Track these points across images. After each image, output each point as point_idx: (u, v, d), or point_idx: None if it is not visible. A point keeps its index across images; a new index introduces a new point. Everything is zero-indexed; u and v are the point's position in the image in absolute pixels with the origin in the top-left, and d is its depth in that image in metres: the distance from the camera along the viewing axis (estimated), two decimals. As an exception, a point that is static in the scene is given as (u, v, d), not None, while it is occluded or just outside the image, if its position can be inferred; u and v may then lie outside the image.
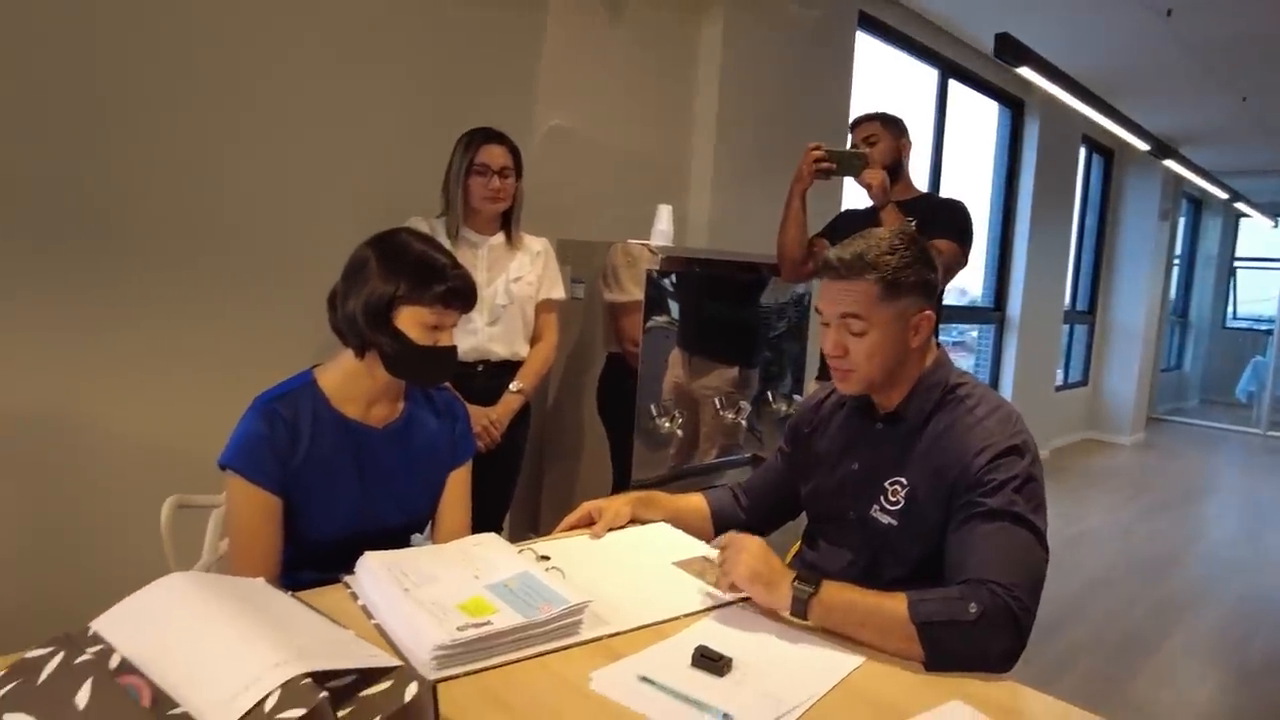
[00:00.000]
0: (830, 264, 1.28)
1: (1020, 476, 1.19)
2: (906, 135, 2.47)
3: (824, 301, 1.30)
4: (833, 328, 1.29)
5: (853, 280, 1.26)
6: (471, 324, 2.07)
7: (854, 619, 1.10)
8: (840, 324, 1.28)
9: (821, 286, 1.31)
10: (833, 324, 1.29)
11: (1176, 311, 9.62)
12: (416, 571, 1.15)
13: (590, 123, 2.76)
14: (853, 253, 1.26)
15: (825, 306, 1.30)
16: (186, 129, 1.89)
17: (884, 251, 1.26)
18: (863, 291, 1.25)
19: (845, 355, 1.28)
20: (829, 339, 1.29)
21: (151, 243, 1.86)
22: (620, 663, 1.01)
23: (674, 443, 2.51)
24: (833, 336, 1.28)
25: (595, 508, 1.50)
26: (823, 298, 1.31)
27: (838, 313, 1.28)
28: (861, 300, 1.25)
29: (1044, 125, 5.49)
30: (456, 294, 1.25)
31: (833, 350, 1.28)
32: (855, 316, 1.26)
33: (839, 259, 1.27)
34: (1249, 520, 5.18)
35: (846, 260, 1.26)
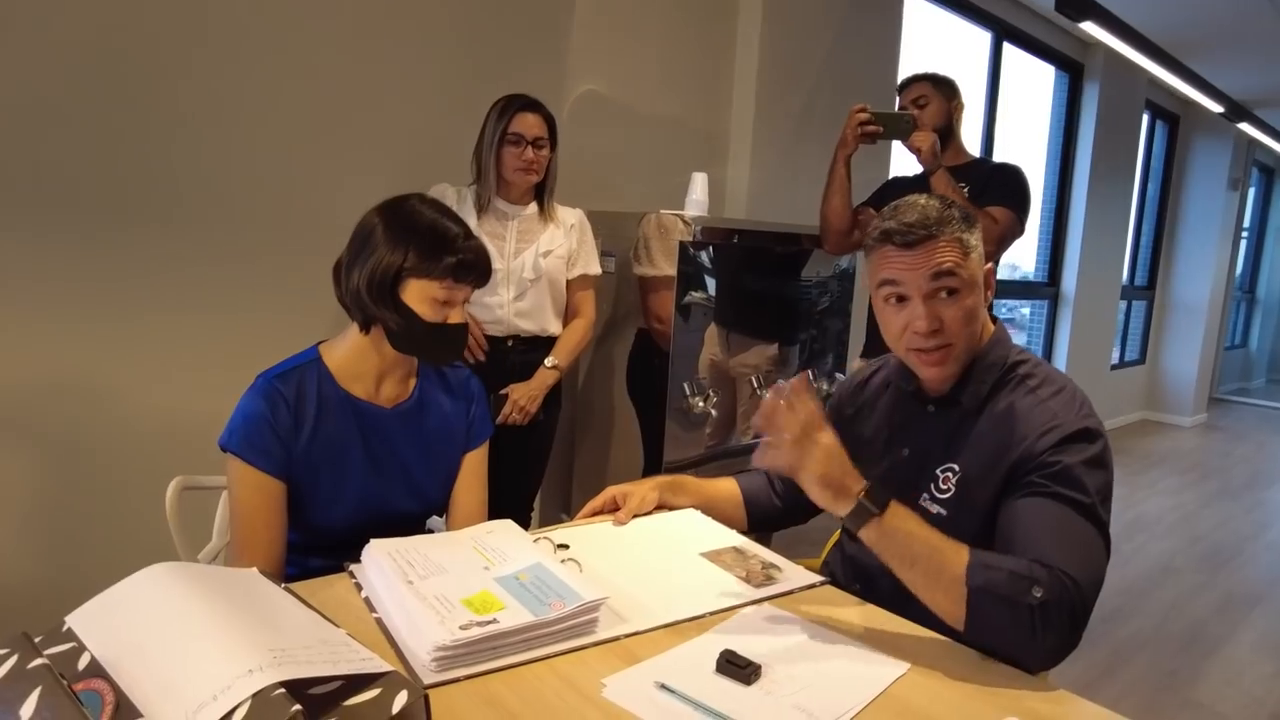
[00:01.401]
0: (901, 230, 1.13)
1: (1090, 462, 1.07)
2: (959, 97, 2.31)
3: (902, 270, 1.14)
4: (920, 300, 1.13)
5: (935, 239, 1.12)
6: (497, 297, 1.99)
7: (908, 553, 1.00)
8: (930, 291, 1.13)
9: (887, 259, 1.16)
10: (917, 295, 1.14)
11: (1243, 286, 9.17)
12: (423, 562, 1.08)
13: (623, 89, 2.65)
14: (916, 216, 1.13)
15: (908, 275, 1.13)
16: (206, 105, 1.82)
17: (943, 208, 1.14)
18: (950, 247, 1.12)
19: (941, 330, 1.14)
20: (917, 315, 1.13)
21: (164, 218, 1.81)
22: (638, 667, 0.92)
23: (709, 423, 2.41)
24: (923, 310, 1.13)
25: (620, 492, 1.41)
26: (896, 266, 1.14)
27: (927, 276, 1.12)
28: (953, 254, 1.12)
29: (1104, 89, 5.20)
30: (468, 267, 1.15)
31: (928, 325, 1.12)
32: (951, 273, 1.12)
33: (905, 224, 1.13)
34: (1321, 507, 4.90)
35: (914, 223, 1.12)
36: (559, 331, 2.13)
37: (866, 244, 1.20)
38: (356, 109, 2.06)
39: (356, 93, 2.05)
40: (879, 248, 1.17)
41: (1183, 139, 6.85)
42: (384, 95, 2.10)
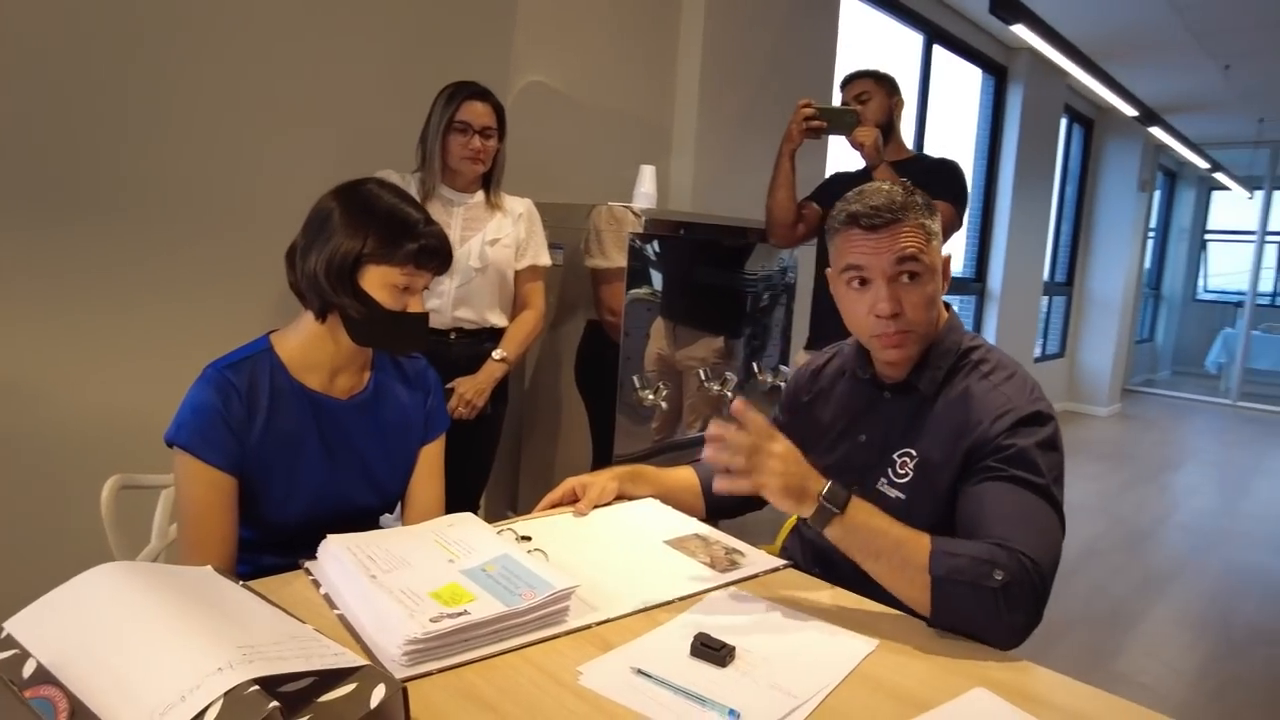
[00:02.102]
0: (867, 214, 1.15)
1: (1042, 444, 1.11)
2: (899, 94, 2.37)
3: (864, 252, 1.16)
4: (881, 284, 1.15)
5: (899, 223, 1.14)
6: (440, 287, 1.94)
7: (871, 547, 1.01)
8: (892, 275, 1.15)
9: (851, 242, 1.18)
10: (881, 279, 1.16)
11: (1150, 284, 9.67)
12: (385, 556, 1.05)
13: (568, 81, 2.63)
14: (882, 200, 1.15)
15: (870, 257, 1.15)
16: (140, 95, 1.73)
17: (907, 194, 1.17)
18: (913, 232, 1.14)
19: (902, 313, 1.16)
20: (880, 297, 1.15)
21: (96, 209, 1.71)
22: (612, 654, 0.92)
23: (656, 416, 2.41)
24: (886, 292, 1.15)
25: (579, 483, 1.40)
26: (861, 250, 1.16)
27: (891, 260, 1.14)
28: (917, 239, 1.14)
29: (1027, 93, 5.41)
30: (430, 253, 1.13)
31: (890, 308, 1.14)
32: (914, 258, 1.14)
33: (872, 208, 1.15)
34: (1226, 490, 5.21)
35: (879, 206, 1.15)
36: (503, 324, 2.10)
37: (831, 227, 1.21)
38: (298, 96, 1.99)
39: (298, 79, 1.98)
40: (844, 230, 1.19)
41: (1097, 142, 7.19)
42: (326, 82, 2.04)
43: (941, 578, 0.97)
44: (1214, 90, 5.99)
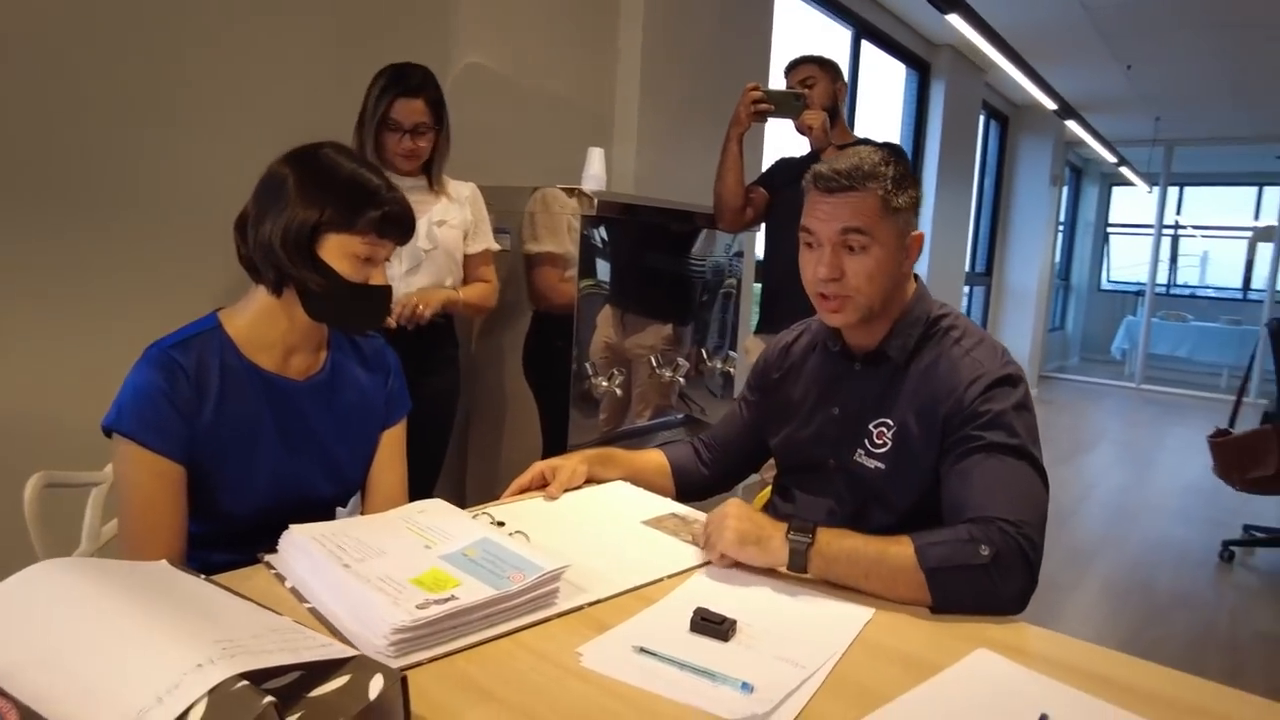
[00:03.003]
0: (826, 175, 1.16)
1: (1016, 407, 1.13)
2: (842, 79, 2.39)
3: (817, 218, 1.17)
4: (827, 248, 1.16)
5: (854, 191, 1.15)
6: (390, 270, 1.85)
7: (858, 570, 1.00)
8: (838, 242, 1.16)
9: (812, 203, 1.19)
10: (827, 243, 1.16)
11: (1060, 275, 10.13)
12: (356, 545, 0.98)
13: (509, 63, 2.56)
14: (849, 164, 1.15)
15: (819, 223, 1.17)
16: (58, 76, 1.58)
17: (879, 163, 1.16)
18: (866, 203, 1.14)
19: (841, 278, 1.16)
20: (822, 260, 1.16)
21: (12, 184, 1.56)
22: (610, 634, 0.87)
23: (606, 406, 2.37)
24: (828, 258, 1.16)
25: (549, 467, 1.35)
26: (814, 214, 1.18)
27: (837, 228, 1.15)
28: (865, 212, 1.14)
29: (949, 88, 5.58)
30: (393, 221, 1.06)
31: (828, 273, 1.16)
32: (858, 231, 1.15)
33: (835, 170, 1.15)
34: (1136, 468, 5.49)
35: (844, 171, 1.15)
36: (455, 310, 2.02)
37: (804, 187, 1.21)
38: (228, 77, 1.86)
39: (228, 61, 1.86)
40: (810, 191, 1.19)
41: (1011, 138, 7.48)
42: (257, 64, 1.92)
43: (934, 569, 0.97)
44: (1117, 90, 6.30)
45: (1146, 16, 4.64)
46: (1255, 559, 3.68)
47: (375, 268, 1.08)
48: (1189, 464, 5.61)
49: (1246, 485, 3.38)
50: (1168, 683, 0.84)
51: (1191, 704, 0.80)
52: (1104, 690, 0.80)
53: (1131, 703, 0.78)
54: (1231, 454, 3.39)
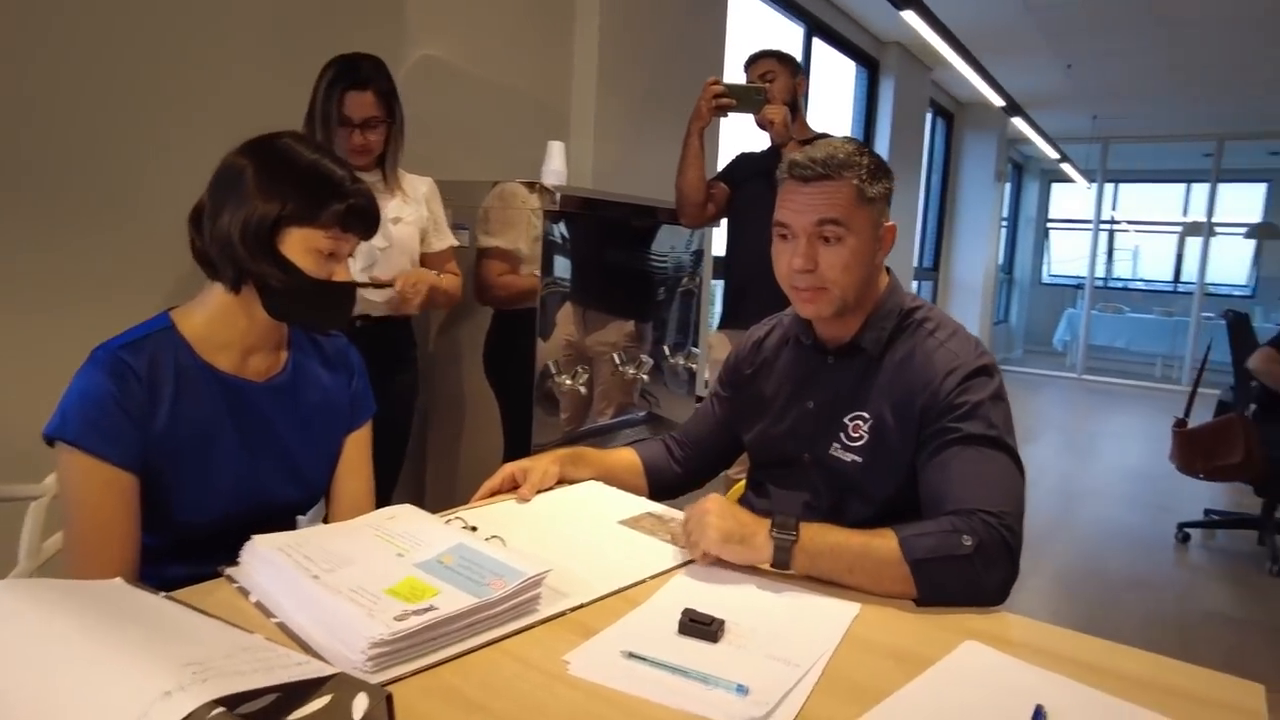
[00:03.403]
0: (802, 164, 1.14)
1: (992, 397, 1.13)
2: (802, 73, 2.40)
3: (791, 209, 1.16)
4: (802, 239, 1.15)
5: (830, 180, 1.14)
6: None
7: (842, 564, 0.99)
8: (813, 233, 1.15)
9: (786, 194, 1.17)
10: (802, 235, 1.15)
11: (1004, 269, 10.39)
12: (324, 555, 0.93)
13: (464, 56, 2.50)
14: (824, 153, 1.14)
15: (794, 215, 1.16)
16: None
17: (854, 152, 1.15)
18: (841, 193, 1.14)
19: (816, 270, 1.15)
20: (797, 252, 1.15)
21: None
22: (597, 639, 0.85)
23: (568, 405, 2.33)
24: (803, 249, 1.15)
25: (520, 469, 1.31)
26: (788, 206, 1.16)
27: (812, 219, 1.14)
28: (841, 202, 1.14)
29: (898, 86, 5.66)
30: (357, 214, 1.01)
31: (804, 264, 1.14)
32: (834, 222, 1.14)
33: (811, 159, 1.14)
34: (1082, 455, 5.65)
35: (820, 159, 1.14)
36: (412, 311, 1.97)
37: (778, 177, 1.20)
38: (173, 71, 1.78)
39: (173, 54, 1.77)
40: (785, 181, 1.18)
41: (957, 135, 7.64)
42: (204, 56, 1.84)
43: (919, 560, 0.97)
44: (1057, 88, 6.48)
45: (1086, 16, 4.77)
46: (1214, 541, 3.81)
47: (339, 263, 1.03)
48: (1131, 451, 5.80)
49: (1210, 473, 3.44)
50: (1153, 667, 0.85)
51: (1181, 689, 0.80)
52: (1092, 677, 0.81)
53: (1121, 689, 0.79)
54: (1198, 443, 3.45)
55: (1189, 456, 3.50)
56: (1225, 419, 3.41)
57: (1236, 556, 3.62)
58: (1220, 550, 3.71)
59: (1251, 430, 3.28)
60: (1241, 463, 3.29)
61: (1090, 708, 0.76)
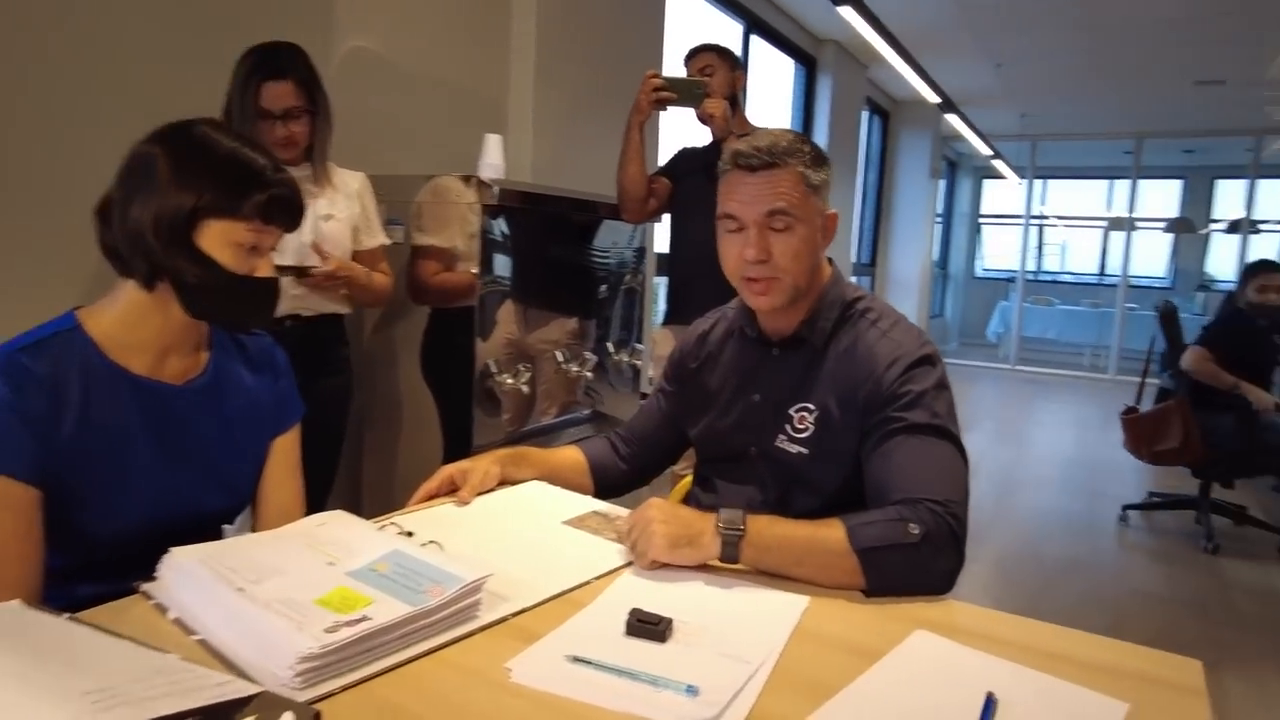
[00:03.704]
0: (747, 153, 1.13)
1: (936, 386, 1.13)
2: (741, 68, 2.39)
3: (740, 200, 1.14)
4: (753, 230, 1.14)
5: (777, 170, 1.13)
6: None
7: (790, 557, 0.98)
8: (763, 223, 1.13)
9: (731, 185, 1.16)
10: (752, 225, 1.14)
11: (939, 264, 10.64)
12: (249, 566, 0.88)
13: (396, 47, 2.43)
14: (768, 142, 1.13)
15: (743, 206, 1.14)
16: None
17: (795, 140, 1.14)
18: (788, 181, 1.13)
19: (769, 260, 1.13)
20: (749, 243, 1.13)
21: None
22: (540, 644, 0.81)
23: (510, 404, 2.28)
24: (755, 240, 1.13)
25: (459, 470, 1.27)
26: (737, 196, 1.15)
27: (762, 210, 1.13)
28: (789, 191, 1.13)
29: (835, 83, 5.74)
30: (281, 205, 0.96)
31: (757, 255, 1.13)
32: (783, 212, 1.13)
33: (755, 148, 1.13)
34: (1017, 443, 5.81)
35: (765, 148, 1.12)
36: (345, 309, 1.90)
37: (721, 169, 1.18)
38: (82, 62, 1.67)
39: (73, 38, 1.67)
40: (727, 173, 1.17)
41: (892, 133, 7.78)
42: (115, 45, 1.73)
43: (866, 549, 0.96)
44: (988, 86, 6.65)
45: (1014, 16, 4.90)
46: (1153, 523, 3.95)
47: (261, 257, 0.97)
48: (1064, 438, 5.99)
49: (1154, 458, 3.60)
50: (1097, 649, 0.85)
51: (1125, 668, 0.81)
52: (1039, 661, 0.81)
53: (1068, 671, 0.79)
54: (1142, 429, 3.61)
55: (1135, 442, 3.66)
56: (1164, 406, 3.56)
57: (1174, 536, 3.77)
58: (1160, 531, 3.86)
59: (1189, 416, 3.42)
60: (1180, 447, 3.43)
61: (1039, 692, 0.76)
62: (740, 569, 0.99)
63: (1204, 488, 3.71)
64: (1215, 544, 3.53)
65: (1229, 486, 3.86)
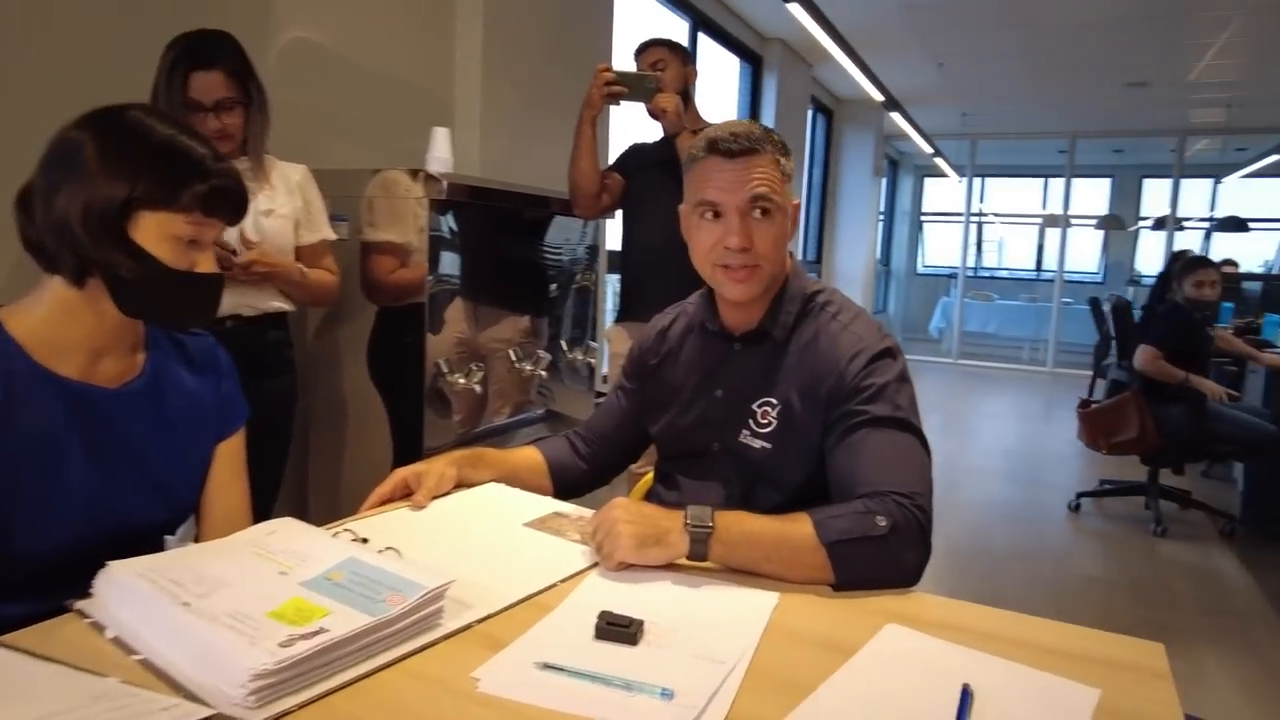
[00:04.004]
0: (726, 139, 1.11)
1: (897, 379, 1.13)
2: (693, 63, 2.38)
3: (720, 186, 1.12)
4: (734, 217, 1.12)
5: (756, 155, 1.11)
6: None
7: (759, 553, 0.97)
8: (746, 210, 1.12)
9: (708, 172, 1.14)
10: (734, 213, 1.12)
11: (882, 261, 10.84)
12: (195, 579, 0.83)
13: (339, 38, 2.35)
14: (742, 128, 1.12)
15: (725, 192, 1.12)
16: None
17: (764, 129, 1.14)
18: (768, 167, 1.12)
19: (751, 248, 1.12)
20: (732, 230, 1.12)
21: None
22: (508, 651, 0.79)
23: (462, 405, 2.23)
24: (737, 224, 1.12)
25: (413, 473, 1.23)
26: (716, 183, 1.13)
27: (745, 196, 1.11)
28: (770, 177, 1.12)
29: (780, 81, 5.78)
30: (222, 197, 0.90)
31: (741, 242, 1.11)
32: (765, 198, 1.12)
33: (733, 133, 1.11)
34: (961, 435, 5.94)
35: (741, 133, 1.11)
36: (289, 307, 1.83)
37: (694, 156, 1.16)
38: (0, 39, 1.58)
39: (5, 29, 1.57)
40: (703, 160, 1.14)
41: (836, 131, 7.89)
42: (39, 23, 1.64)
43: (834, 543, 0.95)
44: (930, 86, 6.78)
45: (955, 16, 5.01)
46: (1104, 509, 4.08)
47: (202, 252, 0.92)
48: (1006, 430, 6.15)
49: (1111, 448, 3.71)
50: (1064, 636, 0.86)
51: (1093, 654, 0.82)
52: (1010, 650, 0.81)
53: (1039, 659, 0.79)
54: (1098, 422, 3.71)
55: (1092, 434, 3.77)
56: (1121, 399, 3.67)
57: (1124, 522, 3.90)
58: (1112, 517, 3.99)
59: (1144, 408, 3.54)
60: (1137, 437, 3.55)
61: (1012, 681, 0.76)
62: (707, 566, 0.98)
63: (1153, 474, 3.85)
64: (1163, 528, 3.68)
65: (1179, 473, 4.03)
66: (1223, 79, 6.21)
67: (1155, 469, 3.83)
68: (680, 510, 0.99)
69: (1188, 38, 5.19)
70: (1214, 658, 2.55)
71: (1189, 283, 3.61)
